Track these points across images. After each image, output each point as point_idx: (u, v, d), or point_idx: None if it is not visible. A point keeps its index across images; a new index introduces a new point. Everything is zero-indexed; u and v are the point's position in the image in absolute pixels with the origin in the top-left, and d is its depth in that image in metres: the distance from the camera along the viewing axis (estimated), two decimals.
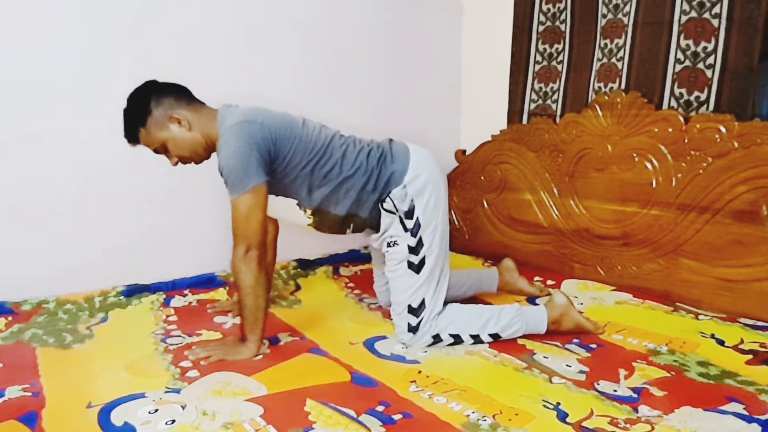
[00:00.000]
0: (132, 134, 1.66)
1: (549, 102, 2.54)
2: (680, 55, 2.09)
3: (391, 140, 1.79)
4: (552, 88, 2.52)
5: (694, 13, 2.04)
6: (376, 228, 1.74)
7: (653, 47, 2.15)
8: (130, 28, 2.06)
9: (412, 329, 1.66)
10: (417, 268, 1.67)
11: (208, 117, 1.65)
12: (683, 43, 2.08)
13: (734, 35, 1.96)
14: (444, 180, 1.78)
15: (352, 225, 1.75)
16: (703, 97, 2.05)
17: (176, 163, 1.70)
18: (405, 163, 1.70)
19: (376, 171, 1.68)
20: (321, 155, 1.65)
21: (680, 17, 2.07)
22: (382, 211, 1.69)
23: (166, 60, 2.13)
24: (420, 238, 1.67)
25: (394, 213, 1.68)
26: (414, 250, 1.67)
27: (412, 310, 1.66)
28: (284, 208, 1.72)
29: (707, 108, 2.04)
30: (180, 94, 1.66)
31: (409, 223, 1.68)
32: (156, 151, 1.68)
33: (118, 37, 2.04)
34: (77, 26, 1.97)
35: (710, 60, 2.02)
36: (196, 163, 1.71)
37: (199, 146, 1.66)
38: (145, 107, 1.62)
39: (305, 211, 1.71)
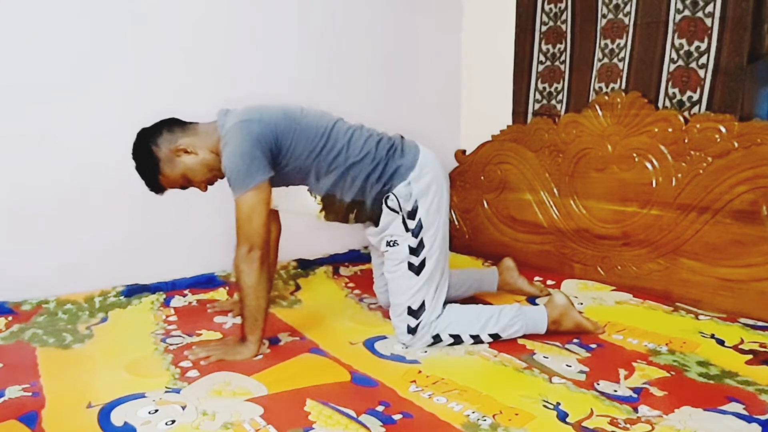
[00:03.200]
0: (155, 186, 1.67)
1: (554, 102, 2.54)
2: (674, 55, 2.09)
3: (402, 137, 1.79)
4: (556, 88, 2.52)
5: (687, 12, 2.04)
6: (375, 221, 1.73)
7: (650, 47, 2.15)
8: (129, 30, 2.06)
9: (412, 330, 1.66)
10: (417, 269, 1.67)
11: (206, 132, 1.65)
12: (677, 42, 2.08)
13: (727, 34, 1.96)
14: (447, 184, 1.78)
15: (355, 212, 1.73)
16: (695, 96, 2.05)
17: (206, 188, 1.70)
18: (413, 160, 1.70)
19: (383, 161, 1.67)
20: (324, 142, 1.64)
21: (675, 16, 2.07)
22: (384, 208, 1.68)
23: (165, 63, 2.14)
24: (421, 240, 1.67)
25: (397, 212, 1.67)
26: (415, 251, 1.67)
27: (411, 312, 1.66)
28: (295, 198, 1.71)
29: (699, 108, 2.04)
30: (171, 125, 1.66)
31: (411, 224, 1.67)
32: (183, 187, 1.69)
33: (118, 38, 2.04)
34: (76, 26, 1.97)
35: (703, 59, 2.02)
36: (222, 177, 1.69)
37: (214, 162, 1.65)
38: (150, 155, 1.63)
39: (315, 198, 1.70)
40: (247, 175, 1.54)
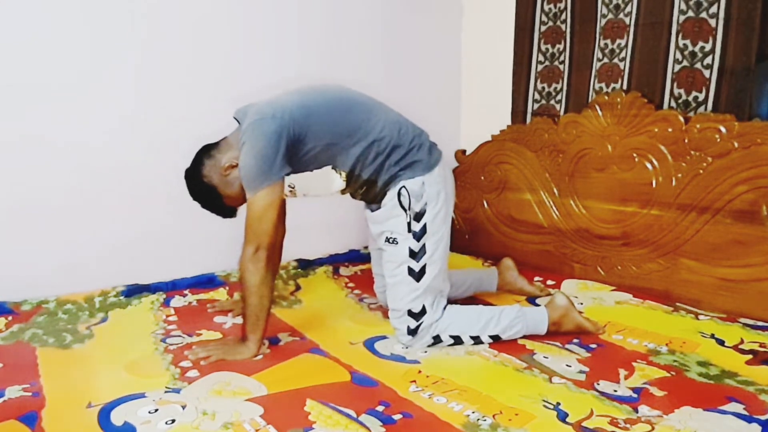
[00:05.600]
0: (225, 211, 1.70)
1: (552, 102, 2.54)
2: (678, 55, 2.09)
3: (429, 138, 1.79)
4: (555, 88, 2.52)
5: (691, 13, 2.04)
6: (378, 203, 1.72)
7: (653, 47, 2.15)
8: (129, 30, 2.06)
9: (412, 332, 1.66)
10: (417, 276, 1.66)
11: (235, 139, 1.64)
12: (681, 43, 2.08)
13: (732, 35, 1.96)
14: (453, 200, 1.79)
15: (364, 189, 1.72)
16: (701, 97, 2.05)
17: None
18: (434, 163, 1.70)
19: (406, 148, 1.67)
20: (340, 117, 1.63)
21: (679, 17, 2.07)
22: (394, 200, 1.67)
23: (165, 63, 2.14)
24: (424, 245, 1.67)
25: (405, 210, 1.67)
26: (415, 255, 1.66)
27: (412, 314, 1.66)
28: (319, 180, 1.70)
29: (705, 108, 2.04)
30: (206, 151, 1.66)
31: (416, 226, 1.67)
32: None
33: (118, 38, 2.04)
34: (76, 27, 1.97)
35: (708, 60, 2.02)
36: None
37: None
38: (207, 188, 1.65)
39: (341, 174, 1.69)
40: (260, 174, 1.54)
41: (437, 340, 1.67)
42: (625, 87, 2.24)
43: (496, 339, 1.69)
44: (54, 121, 1.96)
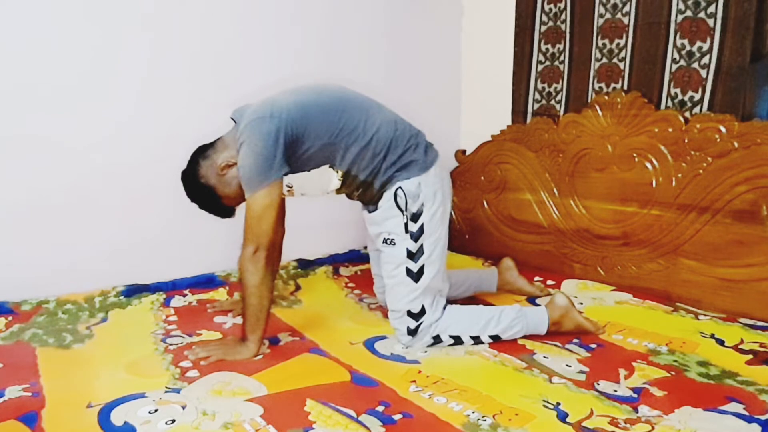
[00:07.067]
0: (223, 211, 1.70)
1: (553, 102, 2.54)
2: (676, 55, 2.09)
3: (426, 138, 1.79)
4: (555, 88, 2.52)
5: (689, 13, 2.04)
6: (375, 204, 1.72)
7: (651, 47, 2.15)
8: (132, 31, 2.06)
9: (412, 332, 1.66)
10: (416, 276, 1.66)
11: (233, 139, 1.64)
12: (679, 42, 2.08)
13: (729, 35, 1.96)
14: (450, 200, 1.79)
15: (360, 191, 1.72)
16: (697, 97, 2.05)
17: None
18: (430, 163, 1.70)
19: (402, 148, 1.67)
20: (337, 117, 1.63)
21: (677, 17, 2.07)
22: (391, 202, 1.67)
23: (166, 63, 2.14)
24: (421, 246, 1.67)
25: (402, 211, 1.67)
26: (413, 256, 1.66)
27: (412, 315, 1.66)
28: (317, 179, 1.70)
29: (701, 108, 2.04)
30: (203, 151, 1.66)
31: (413, 227, 1.67)
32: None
33: (121, 39, 2.04)
34: (79, 27, 1.97)
35: (705, 60, 2.02)
36: None
37: None
38: (204, 188, 1.65)
39: (337, 173, 1.69)
40: (259, 174, 1.54)
41: (437, 340, 1.67)
42: (625, 87, 2.24)
43: (496, 339, 1.69)
44: (55, 121, 1.95)
